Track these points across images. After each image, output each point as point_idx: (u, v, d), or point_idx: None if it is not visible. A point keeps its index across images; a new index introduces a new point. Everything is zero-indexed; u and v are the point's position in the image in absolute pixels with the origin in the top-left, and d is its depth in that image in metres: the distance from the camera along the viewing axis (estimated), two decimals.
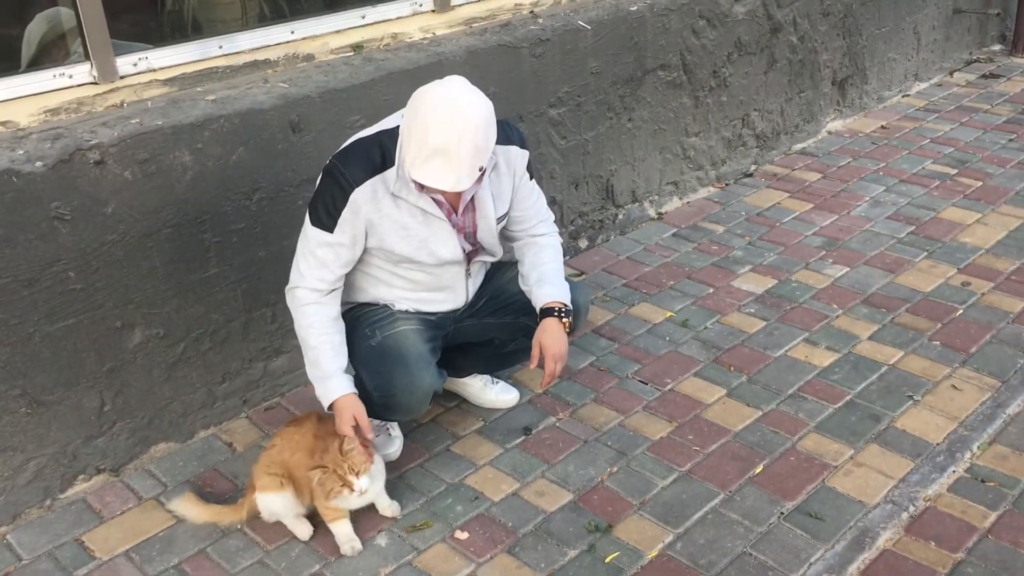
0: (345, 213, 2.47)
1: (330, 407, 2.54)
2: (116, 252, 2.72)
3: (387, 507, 2.67)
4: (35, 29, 2.78)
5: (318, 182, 2.55)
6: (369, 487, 2.50)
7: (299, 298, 2.56)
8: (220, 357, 3.03)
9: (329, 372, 2.52)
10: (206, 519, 2.66)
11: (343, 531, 2.56)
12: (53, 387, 2.70)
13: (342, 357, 2.57)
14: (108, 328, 2.76)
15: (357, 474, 2.45)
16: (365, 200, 2.47)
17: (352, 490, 2.45)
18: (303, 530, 2.62)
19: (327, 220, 2.49)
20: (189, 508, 2.67)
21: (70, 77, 2.76)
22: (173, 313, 2.89)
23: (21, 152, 2.54)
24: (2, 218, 2.49)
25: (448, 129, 2.28)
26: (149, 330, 2.85)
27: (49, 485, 2.77)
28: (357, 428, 2.48)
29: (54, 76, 2.72)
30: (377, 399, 2.57)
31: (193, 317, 2.93)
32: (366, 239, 2.54)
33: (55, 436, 2.75)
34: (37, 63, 2.75)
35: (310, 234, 2.53)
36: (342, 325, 2.61)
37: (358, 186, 2.46)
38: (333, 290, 2.57)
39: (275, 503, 2.58)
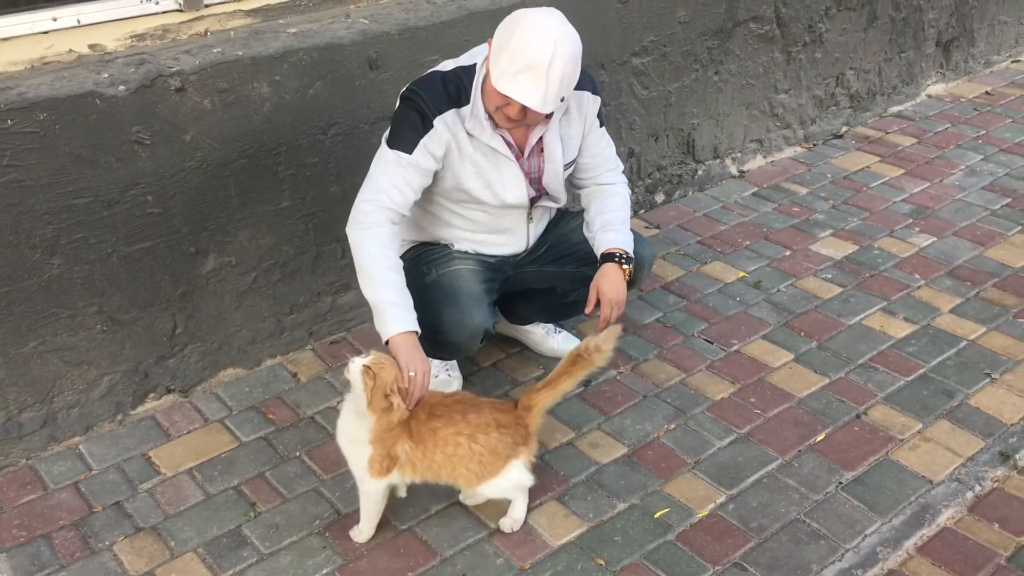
0: (426, 139, 2.45)
1: (386, 342, 2.38)
2: (193, 179, 2.77)
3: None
4: None
5: (397, 110, 2.53)
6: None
7: (370, 219, 2.42)
8: (289, 289, 3.08)
9: (399, 302, 2.38)
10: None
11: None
12: (128, 307, 2.79)
13: (409, 296, 2.46)
14: (183, 253, 2.83)
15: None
16: (446, 129, 2.46)
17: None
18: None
19: (409, 141, 2.45)
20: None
21: (156, 3, 2.81)
22: (245, 242, 2.94)
23: (106, 75, 2.60)
24: (85, 139, 2.56)
25: (544, 47, 2.28)
26: (222, 258, 2.91)
27: (121, 401, 2.87)
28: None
29: (141, 1, 2.77)
30: (427, 335, 2.50)
31: (264, 248, 2.98)
32: (437, 172, 2.52)
33: (128, 354, 2.84)
34: None
35: (387, 156, 2.47)
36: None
37: (440, 114, 2.45)
38: (397, 224, 2.47)
39: None
